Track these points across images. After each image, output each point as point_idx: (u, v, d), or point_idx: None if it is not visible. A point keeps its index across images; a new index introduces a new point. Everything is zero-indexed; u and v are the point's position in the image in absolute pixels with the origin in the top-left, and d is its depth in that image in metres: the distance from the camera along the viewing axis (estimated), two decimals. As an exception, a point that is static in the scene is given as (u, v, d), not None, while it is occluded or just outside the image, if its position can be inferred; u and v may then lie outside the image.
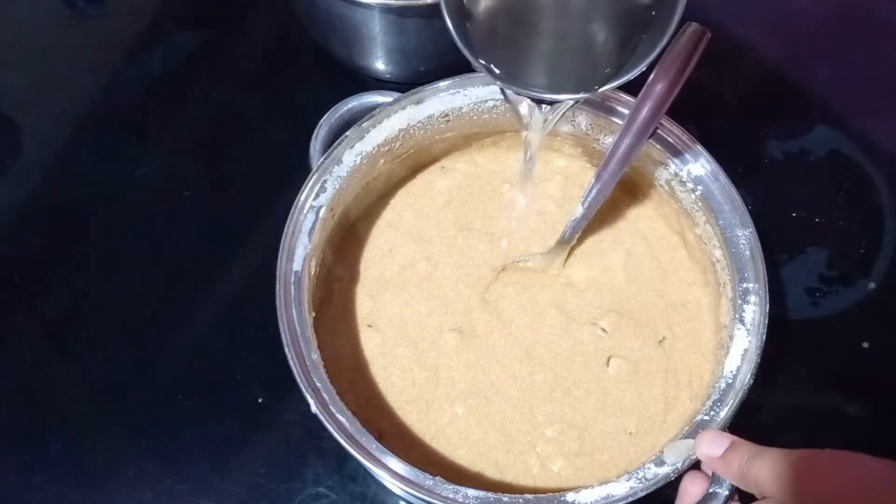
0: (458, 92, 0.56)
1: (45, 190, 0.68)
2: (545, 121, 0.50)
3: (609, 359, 0.54)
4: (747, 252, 0.51)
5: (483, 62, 0.45)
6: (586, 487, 0.44)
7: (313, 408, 0.45)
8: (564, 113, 0.50)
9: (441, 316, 0.55)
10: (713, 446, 0.42)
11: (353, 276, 0.57)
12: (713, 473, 0.43)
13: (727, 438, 0.42)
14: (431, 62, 0.67)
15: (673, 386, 0.53)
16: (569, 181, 0.61)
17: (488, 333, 0.55)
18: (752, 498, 0.41)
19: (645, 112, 0.51)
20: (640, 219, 0.60)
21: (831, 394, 0.59)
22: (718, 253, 0.53)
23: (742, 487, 0.41)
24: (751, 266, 0.51)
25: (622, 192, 0.60)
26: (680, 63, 0.50)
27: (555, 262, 0.57)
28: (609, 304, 0.56)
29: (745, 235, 0.51)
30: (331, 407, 0.46)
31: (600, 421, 0.52)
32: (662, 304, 0.56)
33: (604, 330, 0.55)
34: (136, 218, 0.66)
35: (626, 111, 0.54)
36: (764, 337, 0.48)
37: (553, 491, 0.46)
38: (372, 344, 0.54)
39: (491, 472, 0.51)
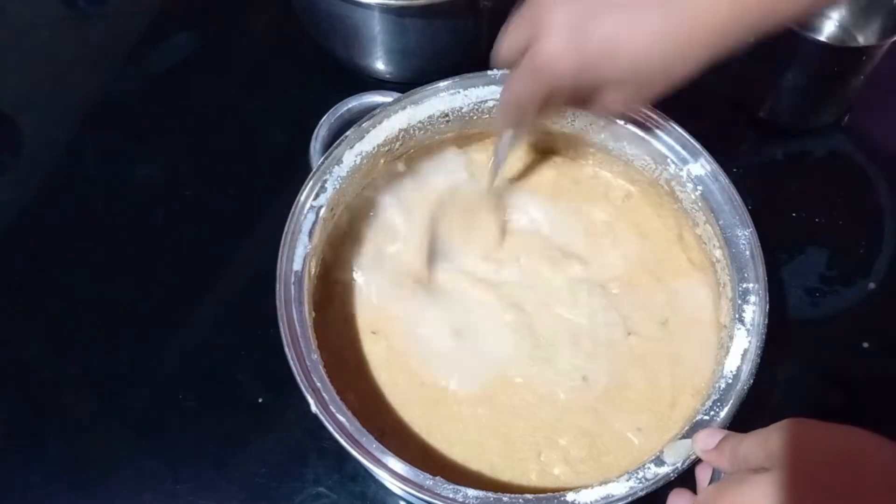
0: (458, 92, 0.56)
1: (45, 190, 0.68)
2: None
3: (616, 359, 0.54)
4: (747, 252, 0.51)
5: None
6: (586, 487, 0.44)
7: (313, 408, 0.45)
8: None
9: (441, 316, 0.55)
10: (709, 440, 0.43)
11: (352, 276, 0.57)
12: (712, 471, 0.43)
13: (721, 432, 0.43)
14: (431, 62, 0.67)
15: (679, 377, 0.53)
16: (562, 176, 0.61)
17: (490, 333, 0.55)
18: None
19: None
20: (640, 218, 0.60)
21: (831, 394, 0.59)
22: (718, 253, 0.53)
23: (734, 469, 0.41)
24: (751, 266, 0.51)
25: (622, 191, 0.60)
26: None
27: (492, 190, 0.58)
28: (610, 302, 0.56)
29: (745, 235, 0.51)
30: (331, 407, 0.46)
31: (609, 422, 0.52)
32: (664, 302, 0.56)
33: (609, 329, 0.55)
34: (136, 218, 0.66)
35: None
36: (764, 337, 0.48)
37: (553, 491, 0.46)
38: (372, 344, 0.54)
39: (491, 472, 0.51)
